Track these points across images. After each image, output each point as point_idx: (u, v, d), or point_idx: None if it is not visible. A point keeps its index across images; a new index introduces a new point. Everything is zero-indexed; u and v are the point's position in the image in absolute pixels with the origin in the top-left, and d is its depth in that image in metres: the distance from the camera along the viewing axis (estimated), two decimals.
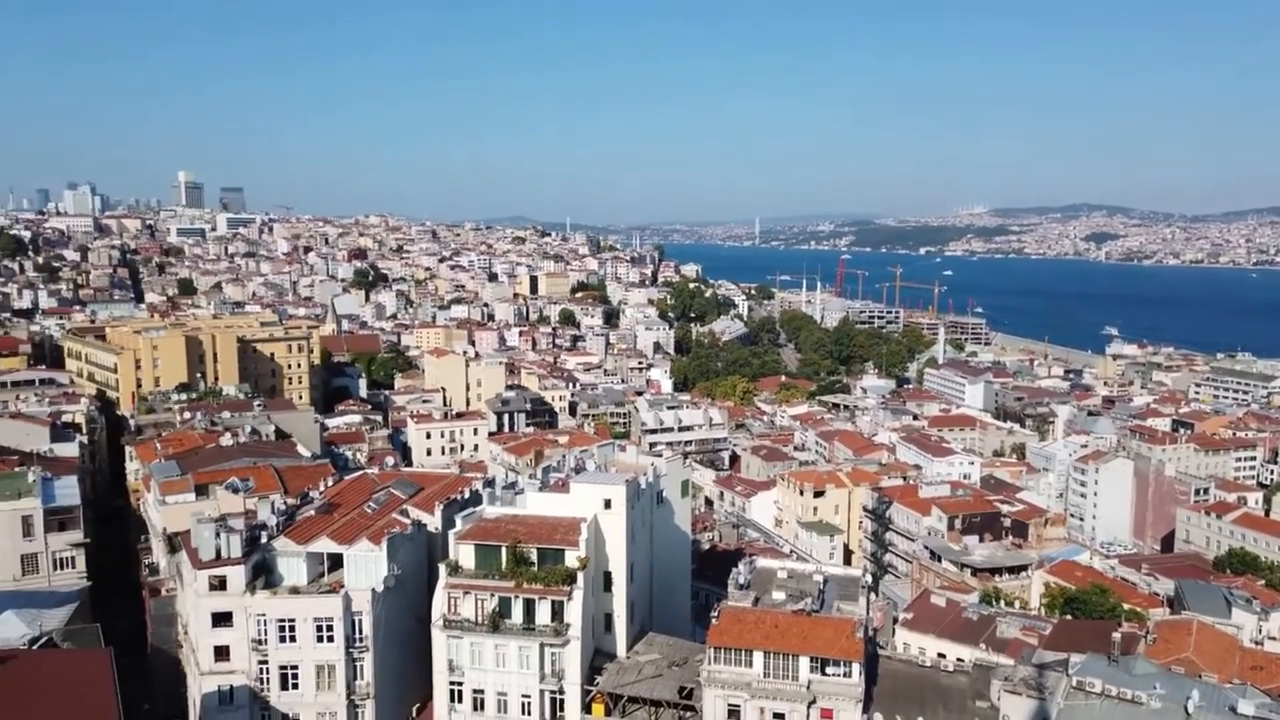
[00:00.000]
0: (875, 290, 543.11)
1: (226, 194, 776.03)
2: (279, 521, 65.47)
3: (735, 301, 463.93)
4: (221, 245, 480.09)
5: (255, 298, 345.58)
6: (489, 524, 63.02)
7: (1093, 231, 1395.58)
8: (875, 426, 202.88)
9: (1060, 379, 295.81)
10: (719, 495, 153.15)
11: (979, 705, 56.88)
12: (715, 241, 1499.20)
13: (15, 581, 70.68)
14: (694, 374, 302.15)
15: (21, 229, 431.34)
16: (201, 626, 61.53)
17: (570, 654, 59.17)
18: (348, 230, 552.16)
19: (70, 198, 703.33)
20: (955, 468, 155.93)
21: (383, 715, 63.34)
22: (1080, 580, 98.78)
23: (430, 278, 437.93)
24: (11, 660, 44.49)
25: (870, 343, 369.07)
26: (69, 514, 76.40)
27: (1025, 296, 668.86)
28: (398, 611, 64.11)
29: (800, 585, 63.48)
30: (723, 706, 56.81)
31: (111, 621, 71.44)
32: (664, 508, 72.30)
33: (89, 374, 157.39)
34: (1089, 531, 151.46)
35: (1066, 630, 77.89)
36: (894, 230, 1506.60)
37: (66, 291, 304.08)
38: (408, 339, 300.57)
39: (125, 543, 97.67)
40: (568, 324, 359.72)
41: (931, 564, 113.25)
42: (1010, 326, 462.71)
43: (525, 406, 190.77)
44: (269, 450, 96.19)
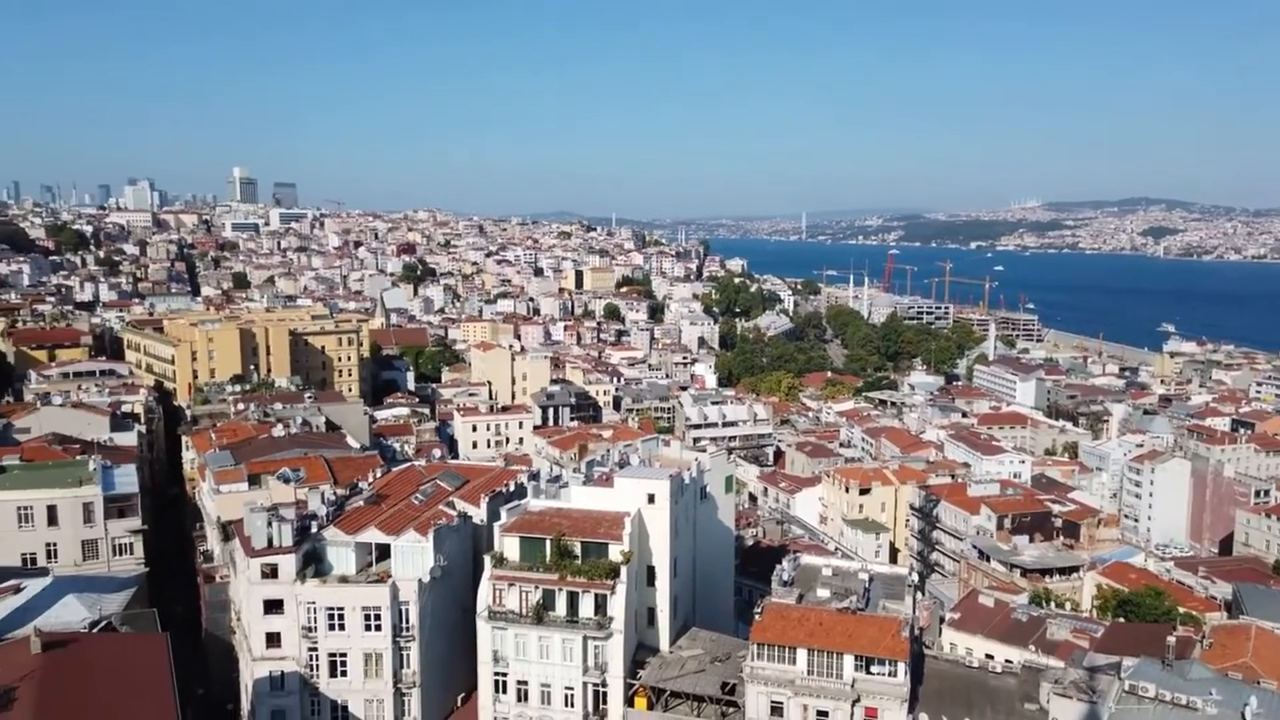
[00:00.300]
0: (924, 286, 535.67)
1: (279, 189, 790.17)
2: (329, 511, 66.65)
3: (781, 297, 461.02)
4: (274, 240, 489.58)
5: (307, 291, 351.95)
6: (533, 517, 63.51)
7: (1151, 226, 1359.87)
8: (923, 424, 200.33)
9: (1115, 377, 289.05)
10: (763, 491, 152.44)
11: (1027, 708, 55.95)
12: (761, 236, 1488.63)
13: (76, 566, 72.80)
14: (739, 369, 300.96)
15: (84, 224, 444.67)
16: (254, 613, 62.89)
17: (613, 647, 59.39)
18: (397, 225, 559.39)
19: (130, 193, 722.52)
20: (1005, 466, 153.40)
21: (428, 704, 64.22)
22: (1134, 582, 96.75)
23: (477, 272, 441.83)
24: (73, 643, 45.87)
25: (919, 339, 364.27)
26: (128, 501, 78.51)
27: (1080, 292, 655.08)
28: (443, 602, 64.91)
29: (845, 583, 63.00)
30: (765, 703, 56.61)
31: (168, 606, 73.64)
32: (707, 503, 72.24)
33: (147, 365, 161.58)
34: (1144, 533, 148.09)
35: (1119, 633, 76.35)
36: (944, 225, 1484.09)
37: (126, 285, 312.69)
38: (455, 333, 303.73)
39: (181, 530, 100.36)
40: (612, 318, 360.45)
41: (980, 564, 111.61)
42: (1064, 323, 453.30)
43: (570, 400, 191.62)
44: (319, 441, 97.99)
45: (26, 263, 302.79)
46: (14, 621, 53.94)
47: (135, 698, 42.06)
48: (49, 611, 55.89)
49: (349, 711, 62.91)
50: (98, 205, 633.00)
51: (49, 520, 74.47)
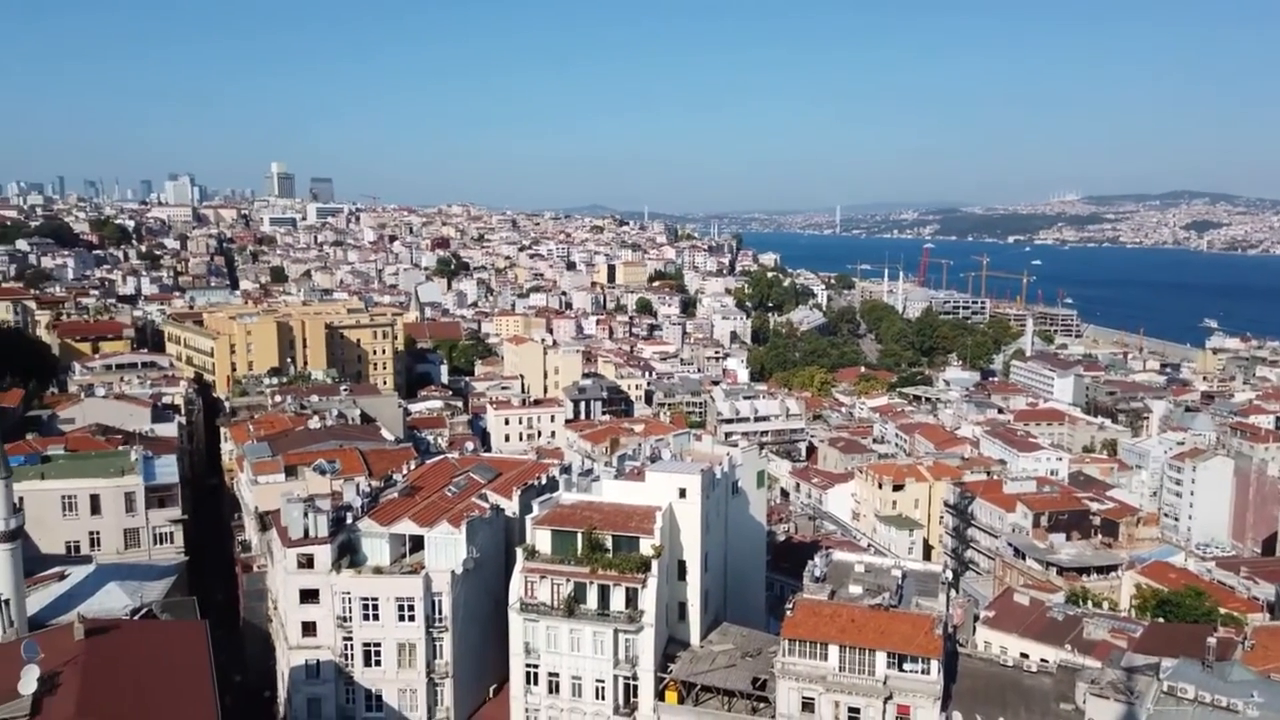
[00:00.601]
0: (960, 280, 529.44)
1: (316, 184, 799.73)
2: (363, 503, 67.39)
3: (814, 291, 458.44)
4: (311, 234, 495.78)
5: (343, 285, 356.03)
6: (565, 510, 63.77)
7: (1194, 220, 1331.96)
8: (958, 420, 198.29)
9: (1156, 373, 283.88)
10: (795, 487, 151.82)
11: (1063, 708, 55.28)
12: (795, 230, 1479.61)
13: (118, 554, 74.27)
14: (771, 364, 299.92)
15: (126, 218, 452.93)
16: (290, 602, 63.80)
17: (644, 641, 59.51)
18: (431, 220, 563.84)
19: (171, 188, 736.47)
20: (1042, 463, 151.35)
21: (461, 694, 64.78)
22: (1174, 582, 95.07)
23: (510, 266, 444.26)
24: (115, 630, 46.80)
25: (954, 334, 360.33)
26: (168, 491, 79.99)
27: (1120, 287, 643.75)
28: (476, 593, 65.40)
29: (878, 579, 62.59)
30: (797, 699, 56.43)
31: (207, 594, 74.87)
32: (739, 498, 72.07)
33: (187, 358, 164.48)
34: (1184, 532, 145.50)
35: (1158, 633, 75.09)
36: (981, 218, 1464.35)
37: (167, 278, 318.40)
38: (488, 326, 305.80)
39: (220, 520, 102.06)
40: (644, 313, 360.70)
41: (1015, 561, 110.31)
42: (1103, 318, 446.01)
43: (602, 394, 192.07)
44: (355, 433, 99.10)
45: (71, 257, 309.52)
46: (58, 608, 55.26)
47: (175, 683, 42.84)
48: (92, 598, 57.21)
49: (383, 700, 63.62)
50: (139, 200, 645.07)
51: (92, 509, 76.07)
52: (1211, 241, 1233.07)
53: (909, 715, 54.74)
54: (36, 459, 79.91)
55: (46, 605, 55.85)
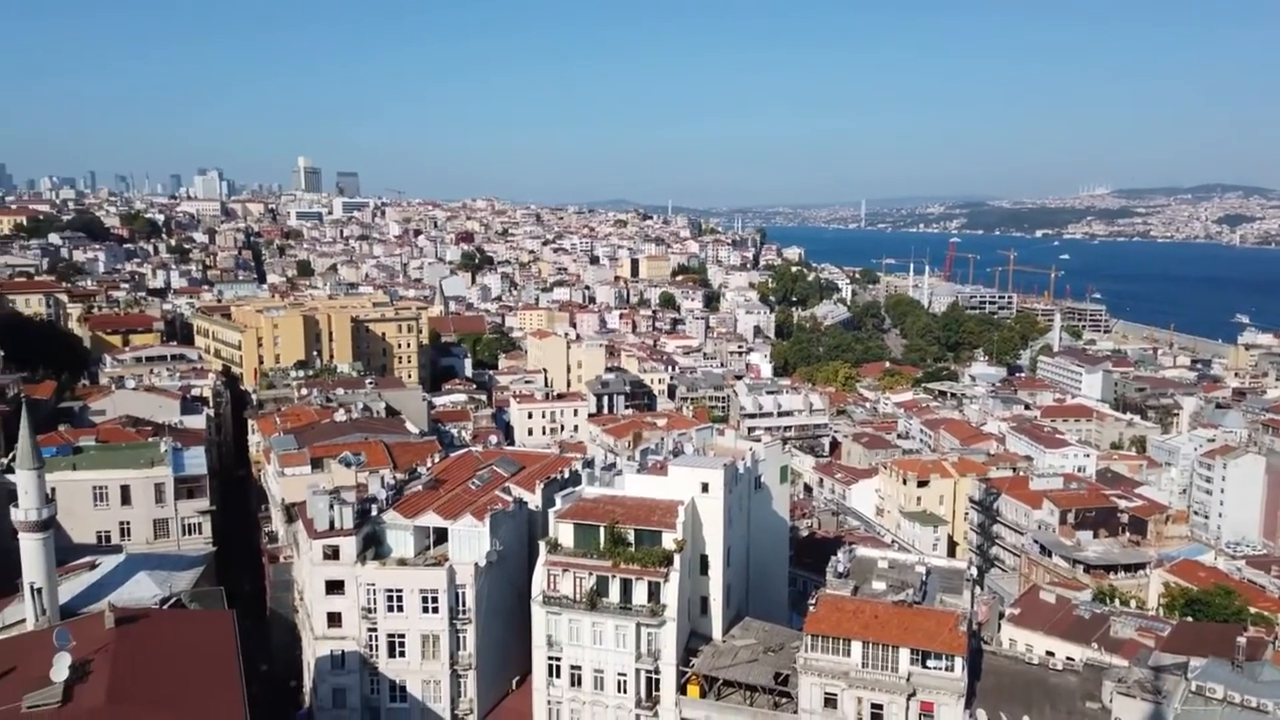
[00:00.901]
0: (987, 275, 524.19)
1: (342, 179, 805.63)
2: (388, 495, 67.91)
3: (838, 285, 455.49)
4: (337, 228, 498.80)
5: (368, 279, 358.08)
6: (588, 504, 63.92)
7: (1226, 213, 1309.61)
8: (984, 415, 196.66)
9: (1186, 369, 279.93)
10: (818, 482, 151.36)
11: (1089, 706, 54.83)
12: (819, 224, 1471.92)
13: (148, 544, 75.31)
14: (795, 359, 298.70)
15: (156, 212, 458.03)
16: (316, 593, 64.43)
17: (666, 635, 59.59)
18: (455, 214, 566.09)
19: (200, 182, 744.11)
20: (1069, 460, 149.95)
21: (484, 685, 65.15)
22: (1203, 581, 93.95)
23: (534, 260, 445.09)
24: (144, 618, 47.53)
25: (980, 329, 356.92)
26: (197, 483, 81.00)
27: (1150, 282, 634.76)
28: (499, 586, 65.72)
29: (901, 576, 62.31)
30: (819, 695, 56.30)
31: (234, 585, 75.68)
32: (762, 493, 71.91)
33: (215, 350, 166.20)
34: (1214, 530, 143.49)
35: (1186, 633, 74.24)
36: (1008, 212, 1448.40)
37: (196, 272, 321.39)
38: (511, 320, 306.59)
39: (247, 511, 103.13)
40: (668, 307, 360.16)
41: (1041, 559, 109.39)
42: (1133, 313, 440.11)
43: (625, 389, 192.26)
44: (380, 426, 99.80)
45: (102, 250, 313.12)
46: (89, 597, 56.12)
47: (203, 671, 43.40)
48: (122, 588, 58.04)
49: (407, 691, 64.15)
50: (169, 194, 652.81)
51: (123, 500, 77.18)
52: (1244, 236, 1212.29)
53: (932, 712, 54.49)
54: (68, 450, 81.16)
55: (78, 594, 56.73)
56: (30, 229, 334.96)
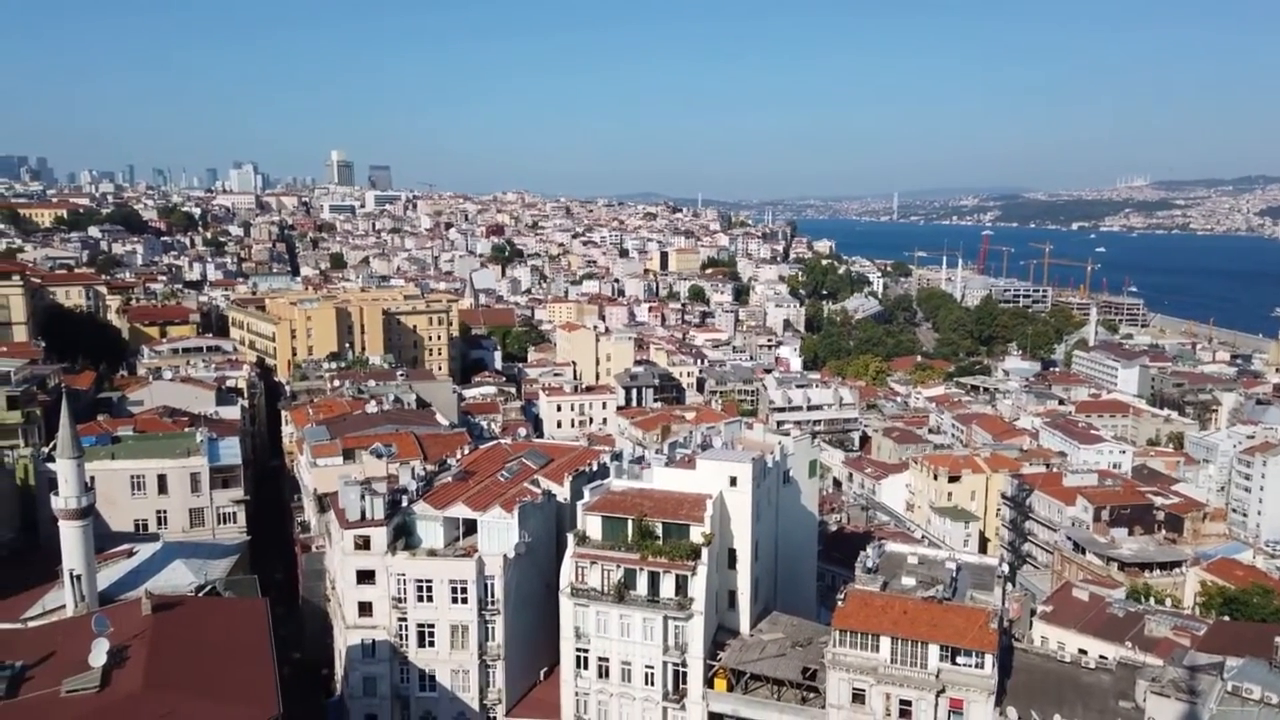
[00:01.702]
0: (1021, 268, 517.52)
1: (375, 172, 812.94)
2: (418, 486, 68.50)
3: (870, 279, 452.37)
4: (369, 221, 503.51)
5: (400, 272, 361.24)
6: (616, 496, 64.04)
7: (1269, 205, 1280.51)
8: (1017, 410, 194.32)
9: (1226, 364, 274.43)
10: (848, 477, 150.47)
11: (1122, 705, 54.09)
12: (851, 217, 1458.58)
13: (184, 533, 76.66)
14: (825, 352, 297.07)
15: (193, 206, 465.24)
16: (347, 583, 65.20)
17: (693, 628, 59.61)
18: (486, 207, 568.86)
19: (235, 176, 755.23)
20: (1104, 456, 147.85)
21: (512, 676, 65.60)
22: (1241, 580, 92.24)
23: (563, 253, 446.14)
24: (180, 605, 48.32)
25: (1014, 323, 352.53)
26: (232, 473, 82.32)
27: (1189, 276, 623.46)
28: (527, 578, 66.10)
29: (931, 572, 61.77)
30: (847, 690, 56.07)
31: (267, 573, 76.79)
32: (790, 487, 71.65)
33: (250, 342, 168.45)
34: (1253, 529, 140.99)
35: (1223, 632, 72.89)
36: (1044, 205, 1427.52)
37: (231, 264, 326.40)
38: (541, 313, 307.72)
39: (280, 501, 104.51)
40: (697, 300, 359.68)
41: (1074, 556, 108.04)
42: (1171, 307, 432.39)
43: (653, 382, 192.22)
44: (410, 418, 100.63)
45: (140, 243, 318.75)
46: (127, 584, 57.14)
47: (237, 658, 44.06)
48: (158, 575, 59.02)
49: (436, 680, 64.74)
50: (205, 188, 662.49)
51: (159, 489, 78.59)
52: None
53: (962, 709, 54.07)
54: (107, 439, 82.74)
55: (115, 581, 57.77)
56: (70, 222, 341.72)
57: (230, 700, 39.96)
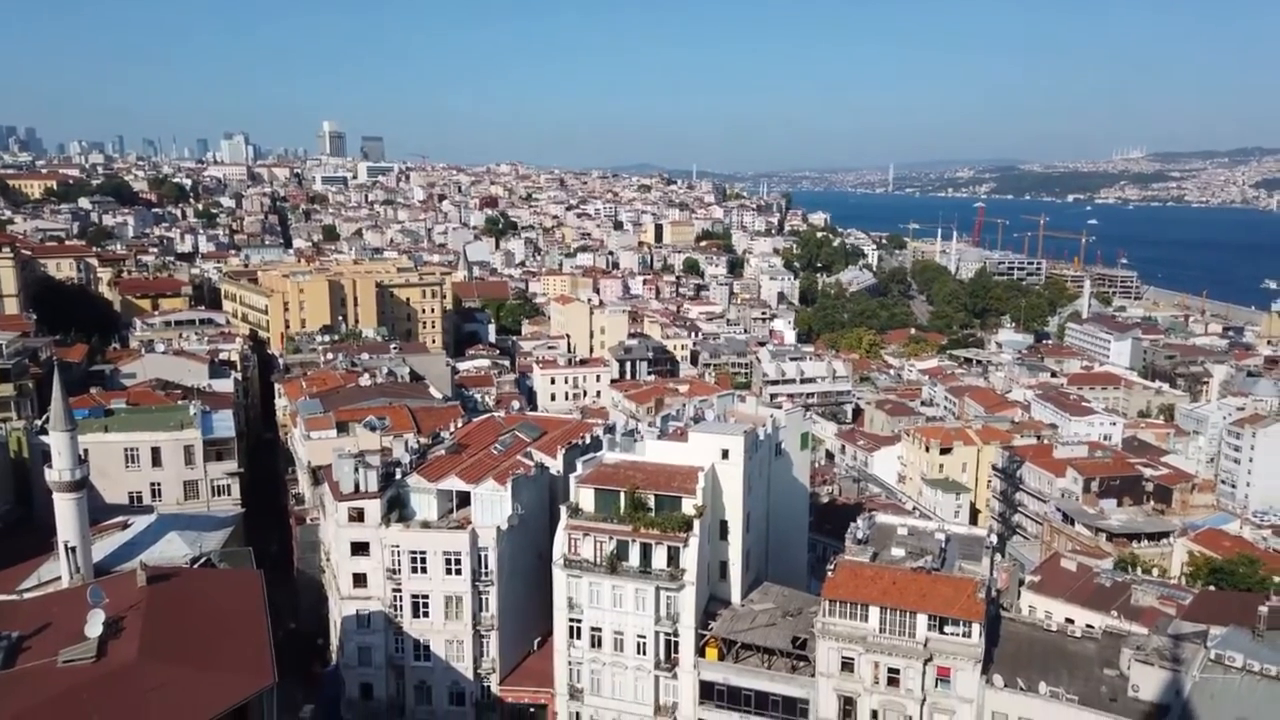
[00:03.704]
0: (1016, 240, 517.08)
1: (367, 143, 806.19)
2: (412, 459, 68.74)
3: (864, 251, 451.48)
4: (362, 193, 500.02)
5: (393, 244, 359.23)
6: (609, 469, 64.41)
7: (1264, 177, 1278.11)
8: (1010, 383, 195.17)
9: (1218, 337, 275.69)
10: (840, 449, 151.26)
11: (1107, 673, 54.94)
12: (846, 189, 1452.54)
13: (178, 505, 76.80)
14: (819, 325, 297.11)
15: (183, 177, 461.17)
16: (342, 554, 65.68)
17: (685, 598, 60.24)
18: (479, 179, 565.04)
19: (226, 147, 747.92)
20: (1095, 428, 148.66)
21: (506, 646, 66.33)
22: (1228, 550, 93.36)
23: (558, 225, 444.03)
24: (175, 577, 48.59)
25: (1008, 295, 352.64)
26: (225, 445, 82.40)
27: (1183, 248, 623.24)
28: (521, 549, 66.59)
29: (921, 543, 62.40)
30: (836, 658, 56.83)
31: (262, 545, 77.02)
32: (783, 459, 72.09)
33: (243, 315, 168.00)
34: (1241, 500, 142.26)
35: (1208, 601, 73.92)
36: (1040, 176, 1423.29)
37: (223, 236, 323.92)
38: (535, 286, 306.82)
39: (274, 473, 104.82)
40: (691, 273, 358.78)
41: (1064, 527, 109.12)
42: (1164, 280, 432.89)
43: (647, 355, 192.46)
44: (404, 391, 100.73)
45: (131, 215, 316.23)
46: (122, 556, 57.52)
47: (232, 629, 44.41)
48: (154, 547, 59.38)
49: (431, 650, 65.46)
50: (196, 159, 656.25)
51: (153, 461, 78.69)
52: None
53: (949, 677, 54.89)
54: (100, 412, 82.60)
55: (111, 553, 58.12)
56: (60, 193, 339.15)
57: (226, 670, 40.35)
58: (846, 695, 56.93)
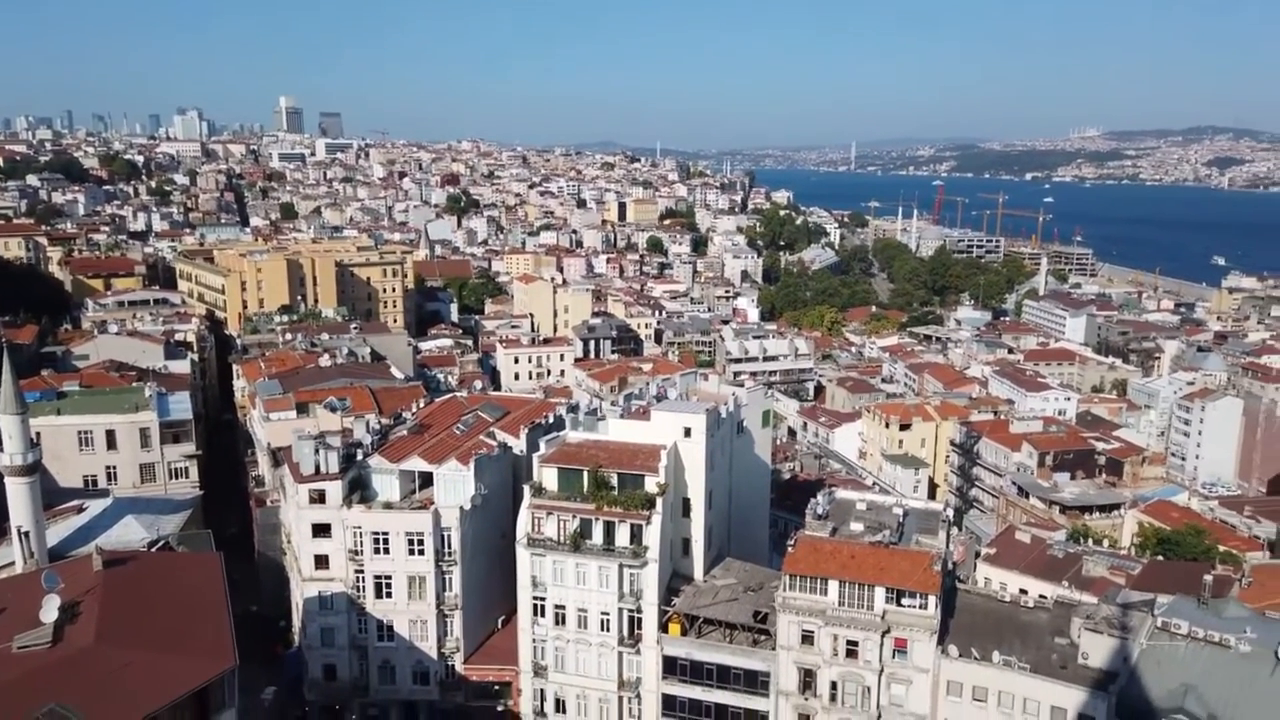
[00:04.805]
0: (975, 219, 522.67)
1: (325, 119, 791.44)
2: (373, 440, 68.49)
3: (827, 229, 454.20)
4: (320, 170, 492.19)
5: (352, 222, 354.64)
6: (571, 448, 64.59)
7: (1216, 156, 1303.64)
8: (968, 359, 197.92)
9: (1170, 313, 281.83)
10: (803, 426, 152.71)
11: (1058, 642, 56.42)
12: (809, 167, 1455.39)
13: (135, 489, 75.86)
14: (781, 303, 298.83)
15: (135, 153, 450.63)
16: (303, 536, 65.33)
17: (648, 575, 60.79)
18: (441, 156, 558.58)
19: (179, 123, 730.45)
20: (1050, 403, 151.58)
21: (470, 624, 66.58)
22: (1175, 521, 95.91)
23: (520, 204, 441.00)
24: (132, 561, 48.02)
25: (967, 273, 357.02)
26: (183, 427, 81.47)
27: (1137, 226, 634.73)
28: (484, 529, 66.74)
29: (879, 517, 63.45)
30: (797, 632, 57.78)
31: (222, 528, 76.47)
32: (744, 437, 72.74)
33: (199, 294, 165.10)
34: (1190, 472, 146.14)
35: (1156, 571, 76.11)
36: (999, 155, 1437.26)
37: (177, 214, 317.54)
38: (498, 265, 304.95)
39: (233, 455, 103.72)
40: (655, 251, 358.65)
41: (1019, 500, 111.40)
42: (1119, 257, 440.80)
43: (611, 334, 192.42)
44: (365, 371, 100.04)
45: (81, 192, 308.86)
46: (77, 540, 56.75)
47: (191, 612, 44.07)
48: (109, 531, 58.65)
49: (394, 630, 65.52)
50: (148, 135, 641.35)
51: (108, 444, 77.62)
52: (1233, 179, 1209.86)
53: (906, 648, 56.07)
54: (53, 395, 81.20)
55: (65, 538, 57.31)
56: (7, 170, 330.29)
57: (185, 653, 40.08)
58: (806, 667, 57.97)
